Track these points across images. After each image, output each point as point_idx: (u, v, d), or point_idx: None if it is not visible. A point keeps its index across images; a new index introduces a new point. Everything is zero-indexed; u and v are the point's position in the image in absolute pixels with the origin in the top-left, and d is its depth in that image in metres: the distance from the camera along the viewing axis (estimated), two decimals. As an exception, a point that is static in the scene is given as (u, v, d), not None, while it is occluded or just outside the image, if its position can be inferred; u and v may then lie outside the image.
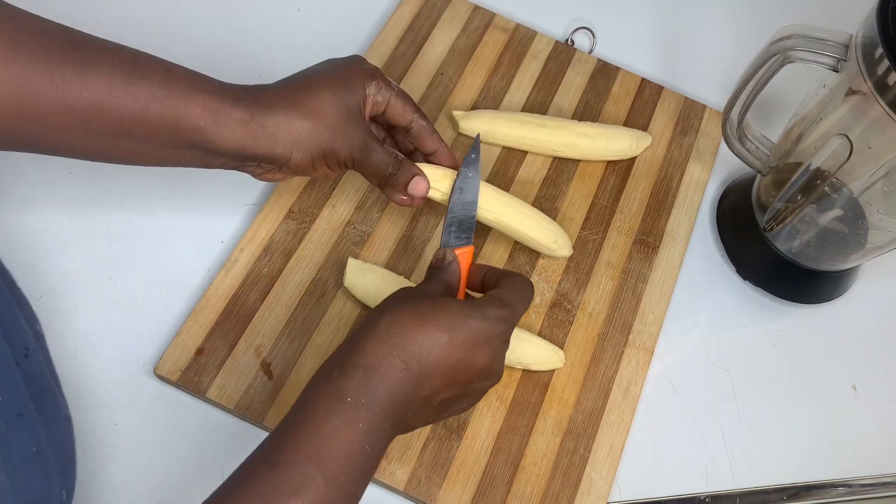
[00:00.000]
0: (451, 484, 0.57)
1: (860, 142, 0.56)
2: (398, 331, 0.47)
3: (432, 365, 0.47)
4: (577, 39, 0.79)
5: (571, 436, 0.60)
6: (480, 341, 0.49)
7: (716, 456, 0.62)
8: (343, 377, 0.46)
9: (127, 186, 0.66)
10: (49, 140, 0.50)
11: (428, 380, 0.48)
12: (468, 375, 0.50)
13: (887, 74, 0.51)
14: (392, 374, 0.46)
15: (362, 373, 0.46)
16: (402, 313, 0.48)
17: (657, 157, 0.73)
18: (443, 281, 0.54)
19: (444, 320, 0.48)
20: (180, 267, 0.63)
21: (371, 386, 0.46)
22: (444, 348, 0.48)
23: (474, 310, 0.49)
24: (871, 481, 0.63)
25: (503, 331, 0.51)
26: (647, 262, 0.68)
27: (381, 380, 0.46)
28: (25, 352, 0.46)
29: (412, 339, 0.47)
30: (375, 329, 0.47)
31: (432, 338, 0.47)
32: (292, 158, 0.54)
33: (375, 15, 0.77)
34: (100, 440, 0.57)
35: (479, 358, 0.49)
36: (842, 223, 0.63)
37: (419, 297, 0.50)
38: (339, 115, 0.54)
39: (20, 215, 0.63)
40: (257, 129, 0.53)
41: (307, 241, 0.64)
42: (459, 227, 0.58)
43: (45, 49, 0.48)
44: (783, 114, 0.68)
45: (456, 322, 0.48)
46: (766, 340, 0.68)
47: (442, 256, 0.55)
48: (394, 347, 0.47)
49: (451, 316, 0.48)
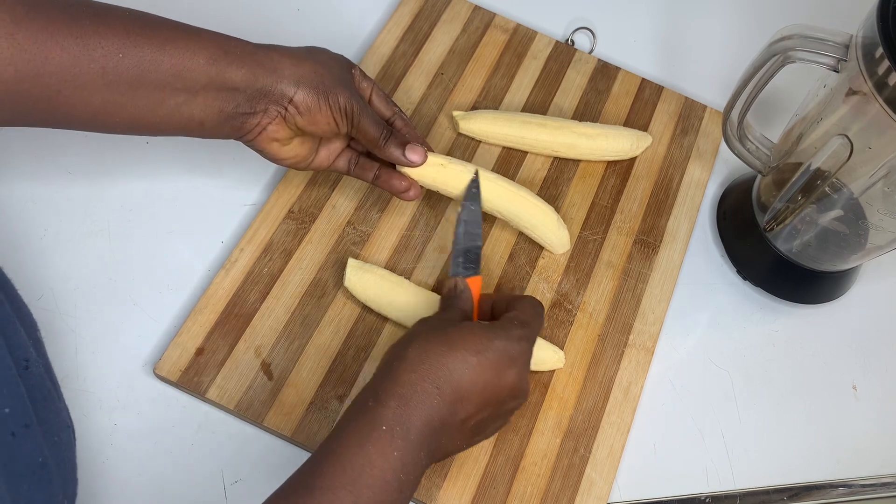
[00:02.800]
0: (451, 484, 0.57)
1: (860, 142, 0.56)
2: (428, 357, 0.48)
3: (465, 388, 0.48)
4: (577, 39, 0.79)
5: (571, 436, 0.60)
6: (507, 361, 0.50)
7: (716, 456, 0.62)
8: (378, 406, 0.47)
9: (127, 186, 0.66)
10: (66, 99, 0.51)
11: (461, 403, 0.49)
12: (499, 396, 0.51)
13: (887, 74, 0.51)
14: (426, 400, 0.47)
15: (397, 401, 0.47)
16: (429, 340, 0.49)
17: (657, 158, 0.73)
18: (459, 308, 0.55)
19: (471, 343, 0.49)
20: (180, 267, 0.63)
21: (406, 413, 0.46)
22: (475, 370, 0.49)
23: (499, 331, 0.51)
24: (871, 481, 0.63)
25: (526, 349, 0.52)
26: (647, 262, 0.68)
27: (416, 407, 0.47)
28: (26, 363, 0.46)
29: (443, 364, 0.48)
30: (405, 358, 0.48)
31: (462, 361, 0.48)
32: (297, 94, 0.55)
33: (375, 15, 0.77)
34: (100, 441, 0.57)
35: (508, 377, 0.50)
36: (842, 223, 0.63)
37: (443, 324, 0.51)
38: (338, 68, 0.57)
39: (20, 215, 0.63)
40: (265, 61, 0.55)
41: (307, 241, 0.64)
42: (466, 257, 0.59)
43: (63, 7, 0.50)
44: (783, 114, 0.68)
45: (483, 344, 0.49)
46: (766, 340, 0.68)
47: (454, 285, 0.57)
48: (426, 374, 0.48)
49: (477, 339, 0.50)
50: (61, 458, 0.47)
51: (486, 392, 0.50)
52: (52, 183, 0.65)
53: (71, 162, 0.66)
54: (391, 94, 0.72)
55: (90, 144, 0.67)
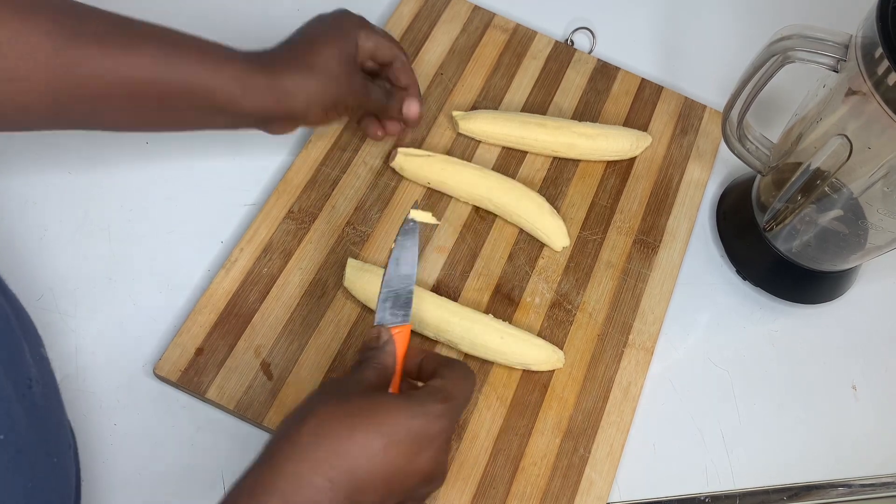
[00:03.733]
0: (451, 484, 0.57)
1: (860, 142, 0.56)
2: (323, 442, 0.42)
3: (365, 480, 0.42)
4: (576, 39, 0.79)
5: (571, 436, 0.60)
6: (422, 444, 0.44)
7: (716, 456, 0.62)
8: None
9: (127, 186, 0.66)
10: (100, 116, 0.56)
11: (359, 495, 0.42)
12: (407, 484, 0.44)
13: (887, 74, 0.51)
14: (314, 497, 0.40)
15: (277, 499, 0.40)
16: (329, 417, 0.43)
17: (657, 157, 0.73)
18: (376, 365, 0.49)
19: (379, 423, 0.43)
20: (180, 267, 0.63)
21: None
22: (379, 457, 0.42)
23: (416, 407, 0.44)
24: (871, 481, 0.63)
25: (446, 427, 0.45)
26: (646, 262, 0.68)
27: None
28: (29, 382, 0.43)
29: (341, 451, 0.41)
30: (297, 442, 0.42)
31: (364, 447, 0.42)
32: (309, 113, 0.59)
33: (375, 15, 0.77)
34: (100, 441, 0.57)
35: (420, 463, 0.44)
36: (842, 223, 0.63)
37: (349, 394, 0.45)
38: (342, 68, 0.60)
39: (20, 215, 0.63)
40: (279, 93, 0.57)
41: (307, 241, 0.64)
42: (395, 302, 0.52)
43: (99, 35, 0.52)
44: (783, 114, 0.68)
45: (394, 425, 0.43)
46: (766, 340, 0.68)
47: (377, 335, 0.50)
48: (318, 465, 0.41)
49: (387, 417, 0.43)
50: (60, 481, 0.45)
51: (391, 482, 0.43)
52: (52, 183, 0.65)
53: (71, 162, 0.66)
54: (391, 94, 0.72)
55: (90, 144, 0.67)
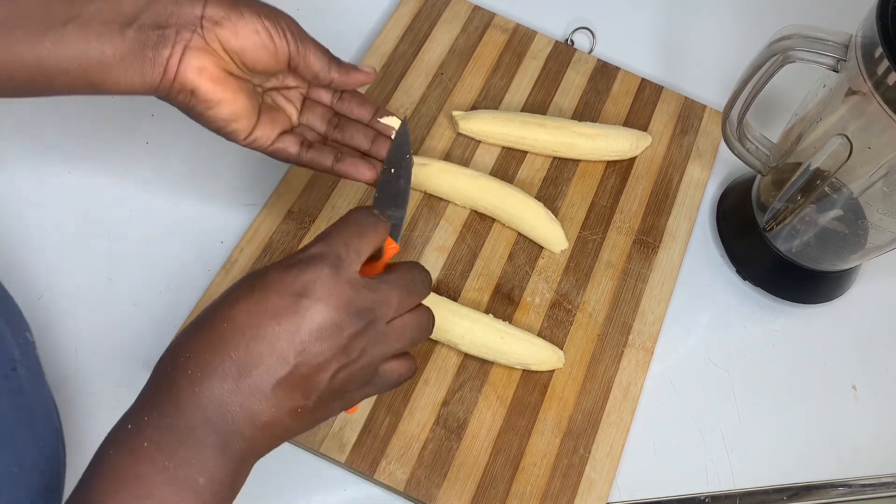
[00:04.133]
0: (451, 484, 0.57)
1: (860, 142, 0.56)
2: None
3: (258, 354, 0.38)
4: (576, 39, 0.79)
5: (571, 436, 0.60)
6: (291, 298, 0.39)
7: (716, 456, 0.62)
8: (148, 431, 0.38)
9: (127, 186, 0.66)
10: None
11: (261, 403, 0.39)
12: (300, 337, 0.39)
13: (887, 74, 0.51)
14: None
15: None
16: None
17: (657, 157, 0.73)
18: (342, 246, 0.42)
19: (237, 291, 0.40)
20: (180, 267, 0.63)
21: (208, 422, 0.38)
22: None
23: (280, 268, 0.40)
24: (871, 481, 0.63)
25: (327, 261, 0.40)
26: (646, 262, 0.68)
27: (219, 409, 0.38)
28: (13, 363, 0.44)
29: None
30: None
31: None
32: (208, 7, 0.48)
33: (375, 14, 0.77)
34: (99, 440, 0.56)
35: (305, 320, 0.39)
36: (842, 223, 0.63)
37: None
38: None
39: (20, 215, 0.63)
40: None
41: (307, 241, 0.64)
42: (395, 202, 0.51)
43: None
44: (783, 114, 0.68)
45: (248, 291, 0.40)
46: (766, 340, 0.68)
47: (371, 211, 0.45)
48: None
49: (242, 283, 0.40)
50: (46, 464, 0.45)
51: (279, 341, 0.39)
52: (52, 183, 0.65)
53: (71, 162, 0.66)
54: (391, 93, 0.72)
55: (90, 144, 0.67)
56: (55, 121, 0.67)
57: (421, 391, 0.60)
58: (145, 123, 0.68)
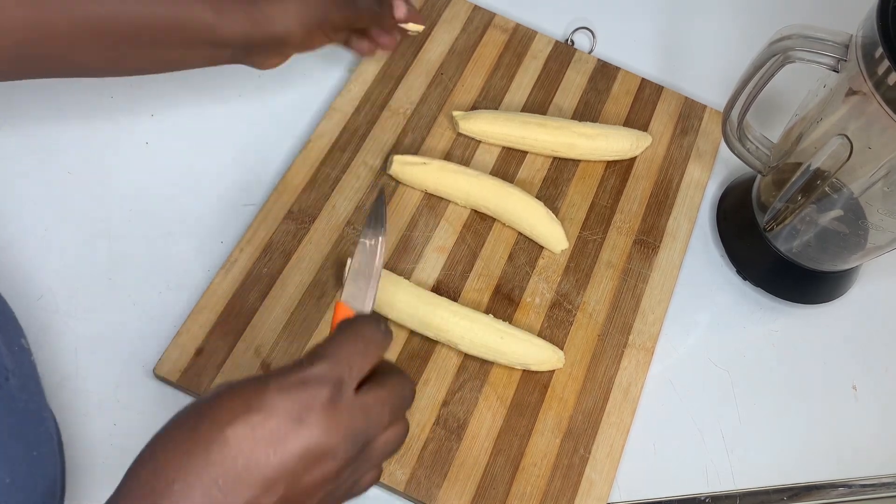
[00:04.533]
0: (451, 484, 0.57)
1: (860, 142, 0.56)
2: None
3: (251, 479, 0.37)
4: (577, 39, 0.79)
5: (571, 436, 0.60)
6: (300, 419, 0.37)
7: (716, 456, 0.62)
8: None
9: (127, 186, 0.66)
10: (67, 58, 0.53)
11: None
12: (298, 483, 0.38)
13: (887, 74, 0.51)
14: None
15: None
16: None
17: (657, 158, 0.73)
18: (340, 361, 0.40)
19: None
20: (180, 267, 0.63)
21: None
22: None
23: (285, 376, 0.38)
24: (871, 481, 0.63)
25: (332, 388, 0.39)
26: (647, 262, 0.68)
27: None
28: (6, 374, 0.43)
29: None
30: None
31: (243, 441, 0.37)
32: (291, 35, 0.58)
33: (375, 15, 0.77)
34: (99, 440, 0.57)
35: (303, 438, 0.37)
36: (842, 223, 0.63)
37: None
38: None
39: (20, 215, 0.63)
40: (257, 15, 0.56)
41: (307, 242, 0.64)
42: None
43: None
44: (783, 114, 0.68)
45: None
46: (766, 340, 0.67)
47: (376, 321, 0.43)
48: None
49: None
50: (42, 473, 0.45)
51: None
52: (52, 183, 0.65)
53: (71, 161, 0.66)
54: (391, 94, 0.72)
55: (90, 144, 0.67)
56: (55, 121, 0.67)
57: (421, 391, 0.60)
58: (145, 123, 0.68)
